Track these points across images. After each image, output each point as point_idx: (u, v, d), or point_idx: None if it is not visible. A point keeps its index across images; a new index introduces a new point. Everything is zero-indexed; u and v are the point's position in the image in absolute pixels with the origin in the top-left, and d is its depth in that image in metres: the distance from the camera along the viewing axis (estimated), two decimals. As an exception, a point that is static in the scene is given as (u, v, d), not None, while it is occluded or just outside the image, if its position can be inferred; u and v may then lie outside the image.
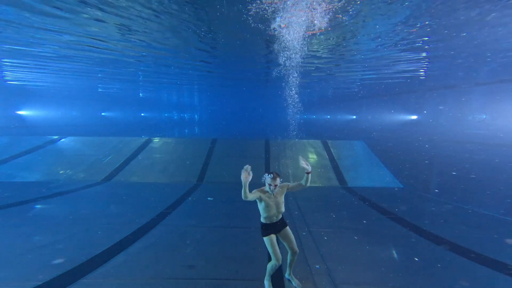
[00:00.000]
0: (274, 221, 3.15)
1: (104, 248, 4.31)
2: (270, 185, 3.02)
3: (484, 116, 11.11)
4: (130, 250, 4.28)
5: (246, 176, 2.81)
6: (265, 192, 3.10)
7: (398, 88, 15.78)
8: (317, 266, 3.89)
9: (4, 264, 3.79)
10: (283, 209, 3.16)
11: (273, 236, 3.13)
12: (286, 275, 3.48)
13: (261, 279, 3.33)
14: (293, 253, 3.23)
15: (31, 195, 7.36)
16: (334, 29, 6.65)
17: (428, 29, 6.52)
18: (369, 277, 3.64)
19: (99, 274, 3.57)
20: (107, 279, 3.46)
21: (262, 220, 3.17)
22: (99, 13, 5.97)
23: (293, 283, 3.39)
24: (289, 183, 3.23)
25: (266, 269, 3.25)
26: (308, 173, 3.02)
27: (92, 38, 7.93)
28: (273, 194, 3.08)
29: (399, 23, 6.23)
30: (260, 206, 3.12)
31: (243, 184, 2.80)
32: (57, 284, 3.33)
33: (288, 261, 3.33)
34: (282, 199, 3.15)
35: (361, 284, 3.48)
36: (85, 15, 6.12)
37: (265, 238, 3.13)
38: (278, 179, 3.02)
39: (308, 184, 3.07)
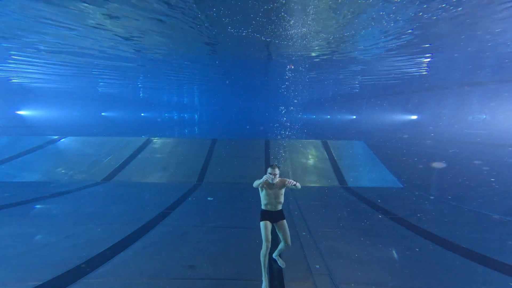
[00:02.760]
0: (273, 210, 3.53)
1: (104, 248, 4.31)
2: (270, 174, 3.43)
3: (484, 116, 11.10)
4: (130, 250, 4.28)
5: (267, 180, 3.41)
6: (267, 182, 3.51)
7: (398, 88, 15.76)
8: (317, 266, 3.89)
9: (4, 264, 3.79)
10: (281, 200, 3.56)
11: (268, 223, 3.48)
12: (274, 255, 3.87)
13: (261, 279, 3.33)
14: (286, 244, 3.59)
15: (31, 195, 7.37)
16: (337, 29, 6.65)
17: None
18: (369, 277, 3.64)
19: (99, 274, 3.57)
20: (107, 279, 3.46)
21: (262, 206, 3.59)
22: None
23: (278, 262, 3.85)
24: (288, 179, 3.55)
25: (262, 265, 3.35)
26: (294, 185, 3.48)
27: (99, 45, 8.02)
28: (273, 184, 3.47)
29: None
30: (261, 194, 3.57)
31: (262, 180, 3.40)
32: (57, 284, 3.33)
33: (279, 247, 3.74)
34: (281, 192, 3.54)
35: (361, 284, 3.48)
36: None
37: (261, 223, 3.49)
38: (277, 169, 3.45)
39: (300, 187, 3.56)
